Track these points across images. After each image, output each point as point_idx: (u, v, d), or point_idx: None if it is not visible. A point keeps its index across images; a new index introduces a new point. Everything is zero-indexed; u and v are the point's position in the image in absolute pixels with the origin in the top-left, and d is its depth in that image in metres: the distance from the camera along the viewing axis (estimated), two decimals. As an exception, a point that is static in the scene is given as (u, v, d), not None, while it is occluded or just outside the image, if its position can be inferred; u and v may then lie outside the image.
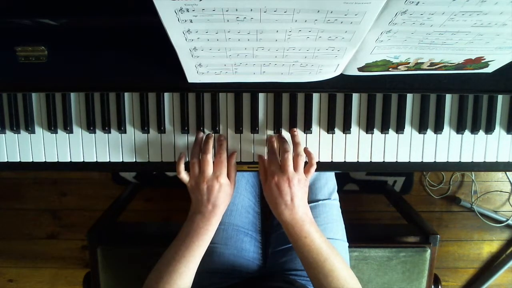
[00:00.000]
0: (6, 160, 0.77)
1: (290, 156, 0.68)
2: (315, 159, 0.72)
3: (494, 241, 1.66)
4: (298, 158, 0.69)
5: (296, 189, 0.67)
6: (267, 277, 0.86)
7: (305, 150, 0.72)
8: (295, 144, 0.71)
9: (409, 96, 0.76)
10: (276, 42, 0.54)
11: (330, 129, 0.76)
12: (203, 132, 0.76)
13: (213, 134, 0.74)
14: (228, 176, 0.72)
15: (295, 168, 0.68)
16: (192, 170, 0.71)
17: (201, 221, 0.69)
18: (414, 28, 0.51)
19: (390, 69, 0.64)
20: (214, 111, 0.75)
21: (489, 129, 0.76)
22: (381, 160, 0.78)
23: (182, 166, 0.72)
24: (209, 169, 0.69)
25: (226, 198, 0.71)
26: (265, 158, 0.75)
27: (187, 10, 0.46)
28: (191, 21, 0.48)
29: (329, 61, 0.60)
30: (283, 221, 0.69)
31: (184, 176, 0.71)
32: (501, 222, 1.61)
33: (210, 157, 0.69)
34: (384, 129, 0.76)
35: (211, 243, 0.80)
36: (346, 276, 0.66)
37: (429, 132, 0.77)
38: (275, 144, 0.73)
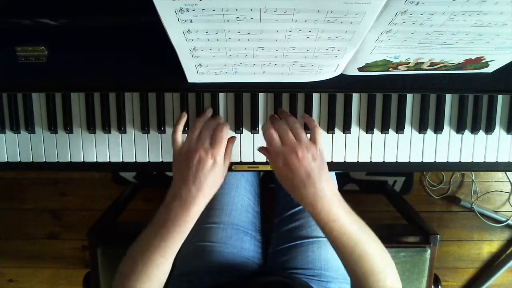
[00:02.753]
0: (6, 160, 0.77)
1: (285, 126, 0.60)
2: (315, 122, 0.64)
3: (494, 241, 1.66)
4: (294, 126, 0.60)
5: (307, 161, 0.57)
6: (267, 273, 0.86)
7: (303, 117, 0.67)
8: (287, 118, 0.63)
9: (409, 96, 0.76)
10: (276, 42, 0.54)
11: (330, 129, 0.76)
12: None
13: (220, 116, 0.70)
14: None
15: (297, 138, 0.59)
16: (188, 136, 0.62)
17: (180, 209, 0.59)
18: (414, 28, 0.51)
19: (390, 69, 0.64)
20: (214, 111, 0.75)
21: (489, 129, 0.76)
22: (381, 160, 0.78)
23: (180, 127, 0.65)
24: (208, 139, 0.61)
25: (214, 184, 0.61)
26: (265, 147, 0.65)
27: (187, 10, 0.46)
28: (191, 21, 0.48)
29: (329, 61, 0.60)
30: (308, 206, 0.59)
31: (178, 138, 0.64)
32: (501, 222, 1.61)
33: (212, 126, 0.62)
34: (384, 129, 0.76)
35: (210, 242, 0.80)
36: (379, 261, 0.60)
37: (429, 132, 0.77)
38: (270, 126, 0.62)
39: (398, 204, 1.38)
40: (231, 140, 0.66)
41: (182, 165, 0.61)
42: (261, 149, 0.67)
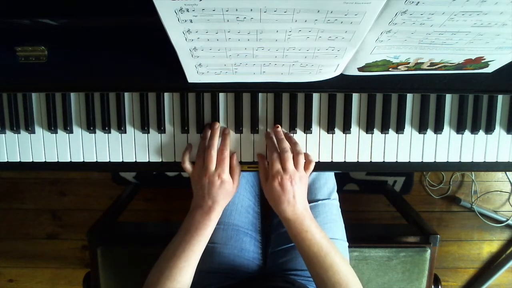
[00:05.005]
0: (6, 160, 0.77)
1: (290, 155, 0.69)
2: (312, 156, 0.74)
3: (494, 241, 1.66)
4: (298, 156, 0.70)
5: (297, 186, 0.69)
6: (267, 277, 0.86)
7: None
8: (293, 144, 0.72)
9: (409, 96, 0.76)
10: (276, 42, 0.54)
11: (330, 129, 0.76)
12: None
13: (219, 126, 0.74)
14: (231, 175, 0.72)
15: (296, 166, 0.69)
16: (197, 162, 0.72)
17: (201, 216, 0.70)
18: (414, 28, 0.51)
19: (390, 69, 0.64)
20: (214, 111, 0.75)
21: (489, 129, 0.76)
22: (381, 160, 0.78)
23: (187, 157, 0.73)
24: (212, 165, 0.70)
25: (227, 195, 0.72)
26: (265, 157, 0.75)
27: (187, 10, 0.46)
28: (191, 21, 0.48)
29: (329, 61, 0.60)
30: (284, 218, 0.70)
31: (188, 166, 0.73)
32: (501, 222, 1.61)
33: (214, 152, 0.70)
34: (384, 129, 0.76)
35: (211, 243, 0.80)
36: (346, 272, 0.67)
37: (429, 132, 0.77)
38: (275, 142, 0.73)
39: (398, 204, 1.38)
40: (233, 157, 0.74)
41: (197, 186, 0.72)
42: (259, 156, 0.76)
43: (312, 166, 0.73)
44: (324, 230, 0.82)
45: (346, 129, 0.76)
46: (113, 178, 1.59)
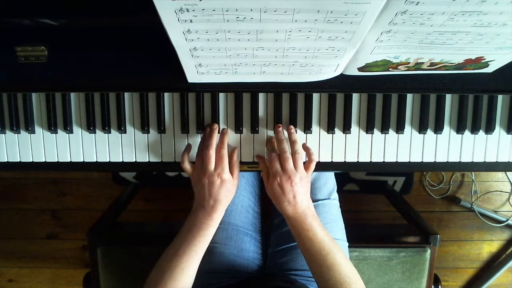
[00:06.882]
0: (6, 160, 0.77)
1: (288, 155, 0.69)
2: (314, 155, 0.73)
3: (494, 241, 1.66)
4: (296, 156, 0.70)
5: (298, 186, 0.68)
6: (267, 276, 0.86)
7: (304, 146, 0.74)
8: (292, 143, 0.72)
9: (409, 96, 0.76)
10: (276, 42, 0.54)
11: (330, 129, 0.76)
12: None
13: (217, 127, 0.74)
14: (231, 173, 0.72)
15: (295, 166, 0.69)
16: (196, 162, 0.72)
17: (203, 216, 0.70)
18: (414, 28, 0.51)
19: (390, 69, 0.64)
20: (214, 111, 0.75)
21: (489, 129, 0.76)
22: (381, 160, 0.78)
23: (186, 157, 0.73)
24: (211, 164, 0.69)
25: (228, 194, 0.71)
26: (265, 158, 0.76)
27: (187, 10, 0.46)
28: (191, 21, 0.48)
29: (329, 61, 0.60)
30: (286, 216, 0.70)
31: (187, 166, 0.72)
32: (501, 222, 1.61)
33: (212, 152, 0.69)
34: (384, 129, 0.76)
35: (211, 242, 0.81)
36: (348, 270, 0.67)
37: (429, 132, 0.77)
38: (274, 143, 0.74)
39: (398, 204, 1.38)
40: (233, 153, 0.74)
41: (198, 186, 0.71)
42: (258, 157, 0.76)
43: (313, 165, 0.72)
44: (324, 230, 0.82)
45: (346, 129, 0.76)
46: (113, 178, 1.59)
